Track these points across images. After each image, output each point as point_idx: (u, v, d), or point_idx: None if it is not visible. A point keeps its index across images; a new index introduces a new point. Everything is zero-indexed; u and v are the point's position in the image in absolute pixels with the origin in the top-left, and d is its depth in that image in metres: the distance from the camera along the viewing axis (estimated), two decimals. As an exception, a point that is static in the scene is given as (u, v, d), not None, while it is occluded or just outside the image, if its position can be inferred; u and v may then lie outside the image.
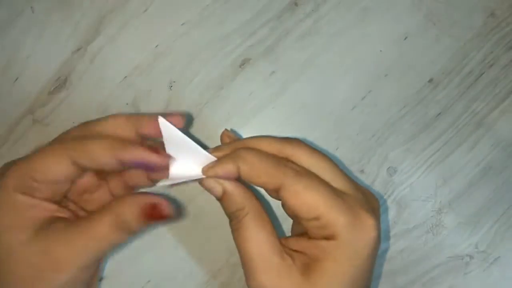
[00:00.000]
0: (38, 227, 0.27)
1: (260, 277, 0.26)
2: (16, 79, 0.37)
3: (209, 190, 0.28)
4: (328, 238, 0.26)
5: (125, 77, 0.37)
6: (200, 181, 0.28)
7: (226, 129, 0.31)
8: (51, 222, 0.27)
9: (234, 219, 0.27)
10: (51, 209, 0.28)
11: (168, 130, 0.27)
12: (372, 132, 0.38)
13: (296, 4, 0.38)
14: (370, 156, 0.38)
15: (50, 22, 0.37)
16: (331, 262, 0.25)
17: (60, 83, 0.37)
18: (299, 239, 0.27)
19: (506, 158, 0.38)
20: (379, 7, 0.38)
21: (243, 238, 0.26)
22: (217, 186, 0.27)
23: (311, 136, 0.37)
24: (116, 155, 0.27)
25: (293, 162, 0.28)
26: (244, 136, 0.37)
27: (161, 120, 0.27)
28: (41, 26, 0.37)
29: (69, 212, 0.29)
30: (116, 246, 0.27)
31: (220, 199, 0.28)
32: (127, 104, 0.37)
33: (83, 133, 0.29)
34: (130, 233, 0.27)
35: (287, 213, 0.30)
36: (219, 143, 0.32)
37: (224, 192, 0.27)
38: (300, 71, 0.38)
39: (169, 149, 0.28)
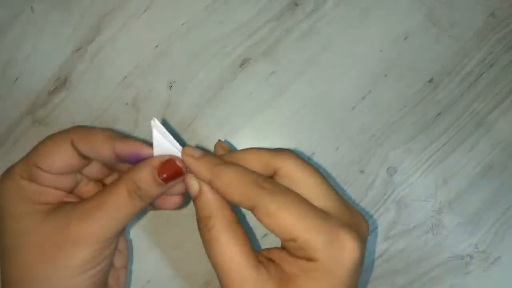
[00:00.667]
0: (48, 211, 0.27)
1: (240, 285, 0.25)
2: (16, 79, 0.37)
3: (186, 186, 0.27)
4: (307, 259, 0.24)
5: (125, 77, 0.37)
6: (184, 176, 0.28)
7: (220, 140, 0.31)
8: (60, 206, 0.27)
9: (203, 226, 0.26)
10: (59, 194, 0.28)
11: (159, 132, 0.27)
12: (372, 132, 0.38)
13: (296, 4, 0.38)
14: (370, 156, 0.38)
15: (50, 22, 0.37)
16: (309, 281, 0.24)
17: (60, 83, 0.37)
18: (281, 250, 0.26)
19: (506, 158, 0.38)
20: (379, 7, 0.38)
21: (215, 251, 0.25)
22: (195, 184, 0.27)
23: (311, 136, 0.37)
24: (116, 145, 0.27)
25: (272, 180, 0.26)
26: (243, 137, 0.37)
27: (155, 122, 0.27)
28: (41, 26, 0.37)
29: (78, 198, 0.29)
30: (135, 215, 0.27)
31: (194, 199, 0.27)
32: (127, 104, 0.37)
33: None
34: (147, 197, 0.27)
35: None
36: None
37: (200, 192, 0.27)
38: (300, 71, 0.38)
39: (156, 151, 0.28)
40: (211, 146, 0.37)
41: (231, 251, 0.25)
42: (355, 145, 0.38)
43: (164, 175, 0.27)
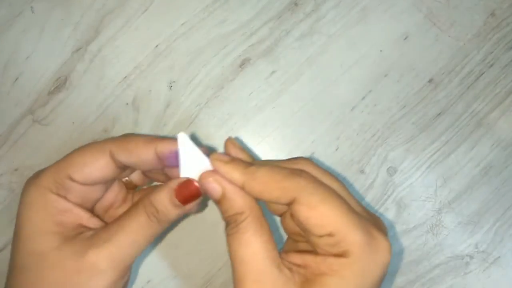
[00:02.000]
0: (68, 233, 0.26)
1: (251, 286, 0.24)
2: (16, 79, 0.37)
3: (208, 190, 0.27)
4: (339, 255, 0.24)
5: (125, 77, 0.37)
6: (201, 181, 0.27)
7: (230, 137, 0.30)
8: (79, 231, 0.27)
9: (231, 223, 0.25)
10: (82, 216, 0.28)
11: (186, 146, 0.27)
12: (372, 132, 0.38)
13: (296, 4, 0.38)
14: (370, 156, 0.38)
15: (50, 22, 0.37)
16: (336, 279, 0.23)
17: (60, 83, 0.37)
18: (302, 254, 0.25)
19: (506, 158, 0.38)
20: (379, 7, 0.38)
21: (239, 241, 0.25)
22: (217, 187, 0.26)
23: (311, 136, 0.37)
24: (156, 147, 0.27)
25: (308, 173, 0.25)
26: (243, 137, 0.37)
27: (181, 135, 0.27)
28: (41, 26, 0.37)
29: (99, 223, 0.28)
30: (153, 239, 0.27)
31: (218, 201, 0.26)
32: (127, 104, 0.37)
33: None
34: (166, 220, 0.27)
35: (285, 230, 0.29)
36: (219, 143, 0.32)
37: (224, 194, 0.26)
38: (300, 71, 0.38)
39: (183, 166, 0.27)
40: (211, 146, 0.37)
41: (255, 244, 0.24)
42: (355, 145, 0.38)
43: (182, 197, 0.26)
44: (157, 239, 0.36)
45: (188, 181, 0.26)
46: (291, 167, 0.26)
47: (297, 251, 0.26)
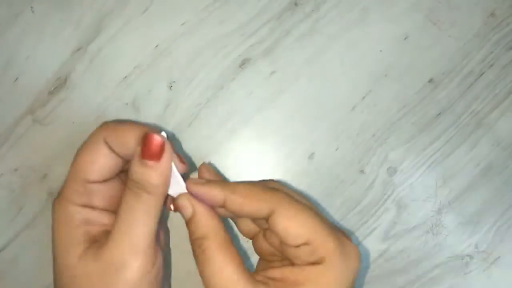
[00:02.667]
0: (92, 241, 0.27)
1: None
2: (16, 79, 0.37)
3: (180, 208, 0.27)
4: (315, 263, 0.25)
5: (125, 77, 0.37)
6: (174, 200, 0.28)
7: (204, 162, 0.31)
8: (104, 236, 0.27)
9: (197, 247, 0.26)
10: (106, 222, 0.28)
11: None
12: (372, 132, 0.38)
13: (296, 4, 0.38)
14: (370, 156, 0.38)
15: (50, 22, 0.37)
16: (313, 287, 0.25)
17: (60, 83, 0.37)
18: (277, 268, 0.26)
19: (506, 158, 0.38)
20: (379, 7, 0.38)
21: (210, 271, 0.25)
22: (189, 206, 0.27)
23: (311, 136, 0.37)
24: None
25: (280, 189, 0.27)
26: (243, 137, 0.37)
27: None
28: (41, 26, 0.37)
29: None
30: (158, 212, 0.27)
31: (187, 223, 0.27)
32: (127, 104, 0.37)
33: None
34: (152, 187, 0.26)
35: (258, 251, 0.30)
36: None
37: (194, 214, 0.27)
38: (300, 71, 0.38)
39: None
40: (211, 146, 0.37)
41: (227, 271, 0.25)
42: (355, 145, 0.38)
43: (148, 154, 0.26)
44: (157, 239, 0.36)
45: (146, 136, 0.26)
46: (266, 185, 0.28)
47: (274, 267, 0.27)
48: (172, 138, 0.37)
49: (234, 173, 0.37)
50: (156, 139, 0.26)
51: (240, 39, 0.38)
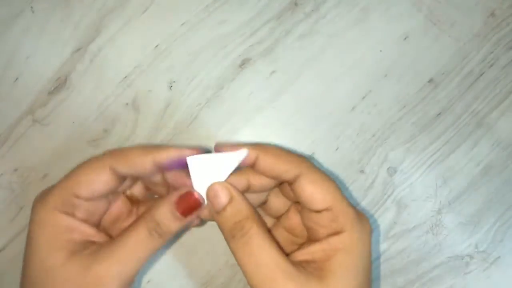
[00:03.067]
0: (74, 249, 0.27)
1: (284, 285, 0.24)
2: (16, 79, 0.37)
3: (214, 197, 0.27)
4: (337, 231, 0.26)
5: (125, 77, 0.37)
6: (209, 188, 0.28)
7: (217, 142, 0.31)
8: (86, 246, 0.27)
9: (237, 231, 0.26)
10: (89, 233, 0.28)
11: (196, 165, 0.28)
12: (372, 132, 0.38)
13: (296, 4, 0.38)
14: (370, 156, 0.38)
15: (50, 22, 0.37)
16: (343, 255, 0.26)
17: (60, 83, 0.37)
18: (302, 249, 0.27)
19: (506, 158, 0.38)
20: (379, 7, 0.38)
21: (256, 252, 0.25)
22: (225, 191, 0.27)
23: (311, 136, 0.37)
24: (154, 157, 0.27)
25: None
26: (243, 137, 0.37)
27: (190, 160, 0.27)
28: (41, 26, 0.37)
29: (105, 237, 0.29)
30: (155, 253, 0.27)
31: (223, 209, 0.27)
32: (127, 104, 0.37)
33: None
34: (167, 234, 0.27)
35: (287, 229, 0.30)
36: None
37: (232, 198, 0.27)
38: (300, 71, 0.38)
39: (196, 184, 0.28)
40: (211, 146, 0.37)
41: (270, 251, 0.25)
42: (355, 145, 0.38)
43: (183, 209, 0.27)
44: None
45: (188, 193, 0.27)
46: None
47: (297, 249, 0.28)
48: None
49: (234, 173, 0.37)
50: (195, 199, 0.27)
51: (240, 39, 0.38)
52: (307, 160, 0.28)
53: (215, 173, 0.28)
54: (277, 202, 0.31)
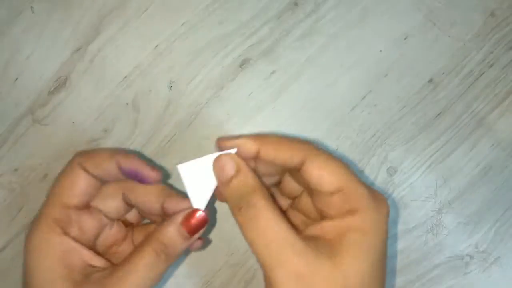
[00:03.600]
0: (77, 277, 0.26)
1: (292, 261, 0.23)
2: (16, 79, 0.37)
3: (221, 169, 0.27)
4: (351, 211, 0.25)
5: (125, 77, 0.37)
6: (216, 160, 0.27)
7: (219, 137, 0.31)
8: (88, 272, 0.27)
9: (244, 204, 0.25)
10: (87, 256, 0.28)
11: (187, 171, 0.28)
12: (372, 132, 0.38)
13: (296, 4, 0.38)
14: (370, 156, 0.38)
15: (50, 22, 0.37)
16: (356, 234, 0.24)
17: (60, 83, 0.37)
18: (317, 224, 0.26)
19: (506, 158, 0.38)
20: (379, 7, 0.38)
21: (263, 226, 0.24)
22: (231, 163, 0.26)
23: (311, 136, 0.37)
24: (117, 161, 0.28)
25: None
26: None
27: (180, 167, 0.28)
28: (41, 26, 0.37)
29: (104, 260, 0.29)
30: (165, 272, 0.27)
31: (229, 181, 0.26)
32: (127, 104, 0.37)
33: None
34: (175, 253, 0.27)
35: (301, 212, 0.29)
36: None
37: (238, 170, 0.26)
38: (300, 71, 0.38)
39: (190, 191, 0.28)
40: (211, 146, 0.37)
41: (278, 225, 0.24)
42: (355, 145, 0.38)
43: (190, 228, 0.27)
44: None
45: (194, 211, 0.27)
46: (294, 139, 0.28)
47: (312, 224, 0.26)
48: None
49: (234, 173, 0.37)
50: (201, 217, 0.27)
51: (240, 39, 0.38)
52: (311, 144, 0.27)
53: (208, 175, 0.27)
54: (291, 183, 0.30)
